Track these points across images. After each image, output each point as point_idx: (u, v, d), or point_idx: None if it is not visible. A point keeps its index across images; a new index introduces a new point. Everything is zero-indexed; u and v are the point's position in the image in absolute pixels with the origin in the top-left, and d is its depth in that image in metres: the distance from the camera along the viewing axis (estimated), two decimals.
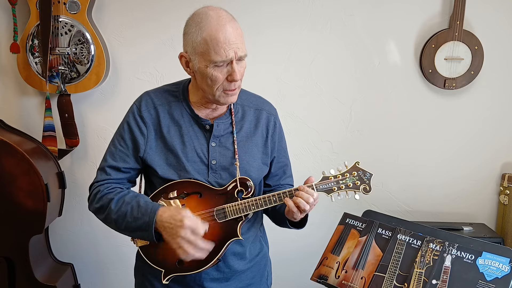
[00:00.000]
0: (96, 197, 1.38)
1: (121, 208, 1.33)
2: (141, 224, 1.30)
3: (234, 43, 1.26)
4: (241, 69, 1.32)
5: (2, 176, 1.97)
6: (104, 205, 1.36)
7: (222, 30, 1.25)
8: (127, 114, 1.43)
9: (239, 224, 1.36)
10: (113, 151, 1.41)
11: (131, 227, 1.32)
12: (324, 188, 1.38)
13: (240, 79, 1.32)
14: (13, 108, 2.38)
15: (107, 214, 1.35)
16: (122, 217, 1.33)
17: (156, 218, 1.29)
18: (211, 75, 1.28)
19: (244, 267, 1.47)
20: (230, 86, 1.31)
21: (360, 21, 2.33)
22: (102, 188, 1.39)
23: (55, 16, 2.18)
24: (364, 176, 1.41)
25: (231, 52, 1.26)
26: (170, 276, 1.37)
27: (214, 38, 1.24)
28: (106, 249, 2.52)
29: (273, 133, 1.48)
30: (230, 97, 1.34)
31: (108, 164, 1.40)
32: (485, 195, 2.46)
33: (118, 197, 1.35)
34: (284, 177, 1.55)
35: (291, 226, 1.46)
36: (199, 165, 1.38)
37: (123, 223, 1.33)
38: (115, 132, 1.44)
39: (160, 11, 2.31)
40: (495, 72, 2.35)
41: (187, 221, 1.25)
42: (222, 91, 1.32)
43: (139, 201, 1.34)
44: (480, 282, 1.37)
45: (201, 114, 1.40)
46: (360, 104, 2.40)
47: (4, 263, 2.05)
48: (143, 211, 1.31)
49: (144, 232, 1.31)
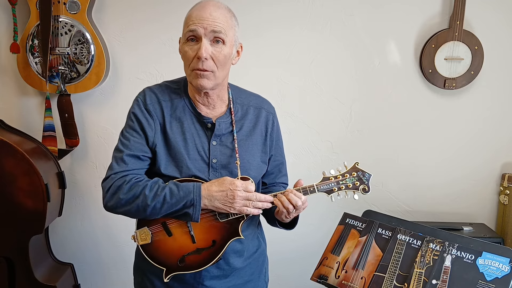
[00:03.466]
0: (123, 187, 1.32)
1: (158, 191, 1.31)
2: (185, 203, 1.30)
3: (205, 19, 1.28)
4: (217, 53, 1.31)
5: (2, 176, 1.97)
6: (136, 193, 1.31)
7: (200, 8, 1.31)
8: (132, 107, 1.41)
9: (241, 223, 1.37)
10: (127, 142, 1.37)
11: (173, 209, 1.31)
12: (325, 188, 1.40)
13: (213, 62, 1.31)
14: (13, 108, 2.38)
15: (141, 201, 1.31)
16: (161, 201, 1.30)
17: (202, 193, 1.30)
18: (184, 51, 1.33)
19: (242, 264, 1.48)
20: (197, 64, 1.30)
21: (360, 21, 2.33)
22: (128, 178, 1.33)
23: (55, 16, 2.18)
24: (364, 177, 1.42)
25: (199, 26, 1.28)
26: (171, 274, 1.38)
27: (190, 14, 1.32)
28: (106, 249, 2.52)
29: (271, 131, 1.49)
30: (200, 80, 1.32)
31: (127, 153, 1.35)
32: (485, 195, 2.46)
33: (150, 183, 1.33)
34: (279, 176, 1.57)
35: (280, 226, 1.49)
36: (200, 163, 1.38)
37: (163, 207, 1.31)
38: (123, 128, 1.41)
39: (160, 11, 2.31)
40: (495, 72, 2.35)
41: (238, 182, 1.31)
42: (192, 71, 1.32)
43: (176, 183, 1.33)
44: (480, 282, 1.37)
45: (202, 112, 1.40)
46: (360, 104, 2.40)
47: (4, 263, 2.05)
48: (185, 190, 1.31)
49: (189, 208, 1.31)
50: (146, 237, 1.39)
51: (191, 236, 1.38)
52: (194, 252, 1.38)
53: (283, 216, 1.38)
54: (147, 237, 1.39)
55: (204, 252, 1.38)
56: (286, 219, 1.40)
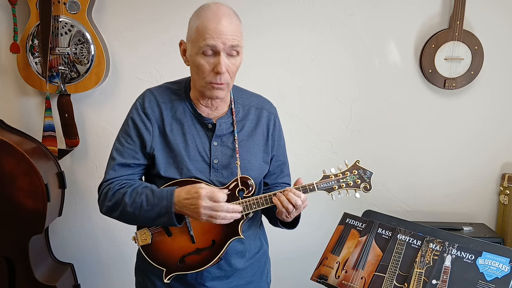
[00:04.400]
0: (108, 195, 1.36)
1: (136, 199, 1.32)
2: (159, 210, 1.30)
3: (224, 33, 1.26)
4: (232, 65, 1.31)
5: (2, 176, 1.97)
6: (118, 200, 1.34)
7: (214, 20, 1.26)
8: (130, 111, 1.42)
9: (240, 223, 1.36)
10: (120, 148, 1.39)
11: (150, 216, 1.31)
12: (325, 186, 1.39)
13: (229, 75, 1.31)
14: (13, 108, 2.38)
15: (122, 208, 1.33)
16: (138, 208, 1.31)
17: (174, 200, 1.29)
18: (198, 63, 1.29)
19: (244, 264, 1.48)
20: (215, 79, 1.30)
21: (360, 21, 2.33)
22: (113, 185, 1.36)
23: (55, 16, 2.18)
24: (365, 175, 1.41)
25: (219, 41, 1.26)
26: (171, 275, 1.37)
27: (205, 26, 1.27)
28: (106, 249, 2.52)
29: (273, 131, 1.49)
30: (216, 91, 1.33)
31: (117, 162, 1.38)
32: (485, 195, 2.46)
33: (130, 189, 1.34)
34: (281, 176, 1.56)
35: (282, 226, 1.47)
36: (201, 164, 1.39)
37: (140, 214, 1.32)
38: (119, 131, 1.42)
39: (161, 11, 2.31)
40: (495, 72, 2.35)
41: (203, 191, 1.27)
42: (208, 83, 1.31)
43: (153, 188, 1.33)
44: (480, 282, 1.37)
45: (203, 113, 1.40)
46: (360, 104, 2.40)
47: (4, 263, 2.05)
48: (159, 196, 1.30)
49: (165, 216, 1.30)
50: (146, 237, 1.40)
51: (191, 236, 1.37)
52: (194, 252, 1.37)
53: (283, 216, 1.37)
54: (147, 237, 1.40)
55: (204, 252, 1.37)
56: (288, 219, 1.39)
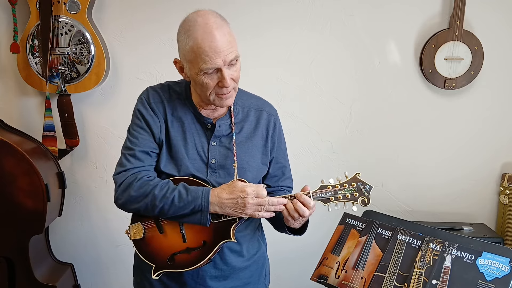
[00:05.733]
0: (134, 185, 1.33)
1: (167, 194, 1.31)
2: (193, 208, 1.31)
3: (221, 51, 1.25)
4: (234, 72, 1.31)
5: (2, 176, 1.97)
6: (146, 192, 1.32)
7: (208, 38, 1.24)
8: (137, 106, 1.42)
9: (233, 226, 1.36)
10: (135, 140, 1.38)
11: (180, 212, 1.32)
12: (321, 197, 1.37)
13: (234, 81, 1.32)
14: (13, 108, 2.38)
15: (150, 201, 1.32)
16: (169, 204, 1.31)
17: (210, 200, 1.30)
18: (202, 82, 1.30)
19: (242, 264, 1.48)
20: (222, 91, 1.31)
21: (360, 21, 2.33)
22: (140, 175, 1.35)
23: (55, 16, 2.18)
24: (364, 188, 1.38)
25: (219, 60, 1.26)
26: (160, 272, 1.37)
27: (200, 47, 1.25)
28: (106, 249, 2.52)
29: (273, 133, 1.48)
30: (225, 100, 1.34)
31: (139, 150, 1.37)
32: (485, 195, 2.46)
33: (161, 183, 1.34)
34: (283, 178, 1.55)
35: (289, 232, 1.47)
36: (199, 163, 1.39)
37: (170, 209, 1.32)
38: (129, 127, 1.42)
39: (160, 11, 2.31)
40: (495, 72, 2.35)
41: (249, 189, 1.29)
42: (216, 95, 1.33)
43: (186, 186, 1.33)
44: (480, 282, 1.37)
45: (203, 113, 1.41)
46: (360, 104, 2.40)
47: (4, 263, 2.05)
48: (194, 195, 1.31)
49: (198, 214, 1.31)
50: (138, 232, 1.39)
51: (182, 235, 1.37)
52: (184, 251, 1.37)
53: (290, 224, 1.37)
54: (139, 232, 1.39)
55: (194, 252, 1.36)
56: (295, 225, 1.39)
